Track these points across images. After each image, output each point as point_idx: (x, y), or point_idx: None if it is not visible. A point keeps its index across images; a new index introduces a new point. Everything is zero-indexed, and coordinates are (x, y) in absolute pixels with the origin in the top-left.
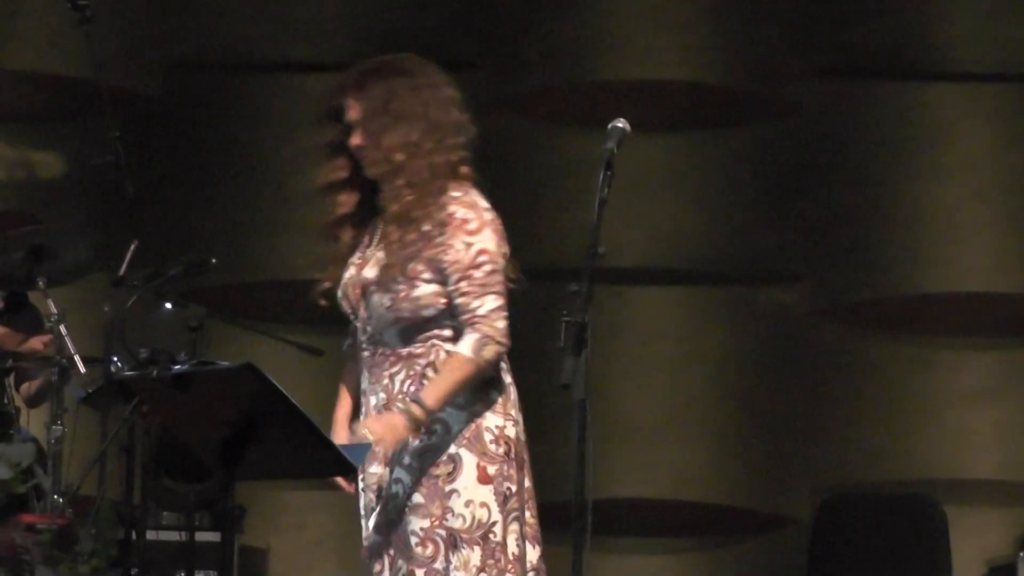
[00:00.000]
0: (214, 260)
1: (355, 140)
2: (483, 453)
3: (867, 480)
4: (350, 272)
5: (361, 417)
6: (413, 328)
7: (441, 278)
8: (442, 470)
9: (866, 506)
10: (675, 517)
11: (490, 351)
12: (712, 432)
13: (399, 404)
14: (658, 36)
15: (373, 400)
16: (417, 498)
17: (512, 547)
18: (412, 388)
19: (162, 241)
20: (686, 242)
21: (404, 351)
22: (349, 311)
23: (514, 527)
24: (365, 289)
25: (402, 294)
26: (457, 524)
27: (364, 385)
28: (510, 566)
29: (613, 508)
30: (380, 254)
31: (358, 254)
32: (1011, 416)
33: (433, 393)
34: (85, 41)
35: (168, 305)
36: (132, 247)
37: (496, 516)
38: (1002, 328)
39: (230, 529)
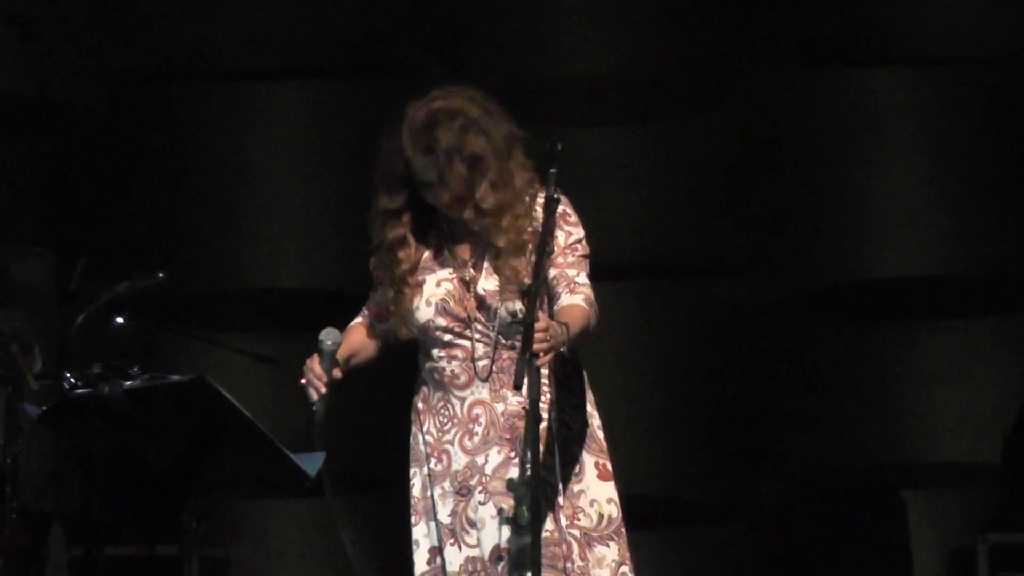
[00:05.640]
0: (161, 274)
1: (444, 198)
2: (600, 451)
3: (825, 467)
4: (447, 287)
5: (433, 424)
6: None
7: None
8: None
9: (824, 492)
10: (632, 511)
11: (594, 312)
12: (668, 424)
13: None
14: (603, 30)
15: (500, 407)
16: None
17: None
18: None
19: (115, 255)
20: (637, 236)
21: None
22: (446, 325)
23: None
24: (485, 300)
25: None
26: (587, 523)
27: (482, 395)
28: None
29: None
30: (489, 264)
31: (448, 270)
32: (968, 399)
33: (574, 327)
34: (29, 57)
35: (119, 319)
36: (81, 263)
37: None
38: (956, 310)
39: (189, 542)
